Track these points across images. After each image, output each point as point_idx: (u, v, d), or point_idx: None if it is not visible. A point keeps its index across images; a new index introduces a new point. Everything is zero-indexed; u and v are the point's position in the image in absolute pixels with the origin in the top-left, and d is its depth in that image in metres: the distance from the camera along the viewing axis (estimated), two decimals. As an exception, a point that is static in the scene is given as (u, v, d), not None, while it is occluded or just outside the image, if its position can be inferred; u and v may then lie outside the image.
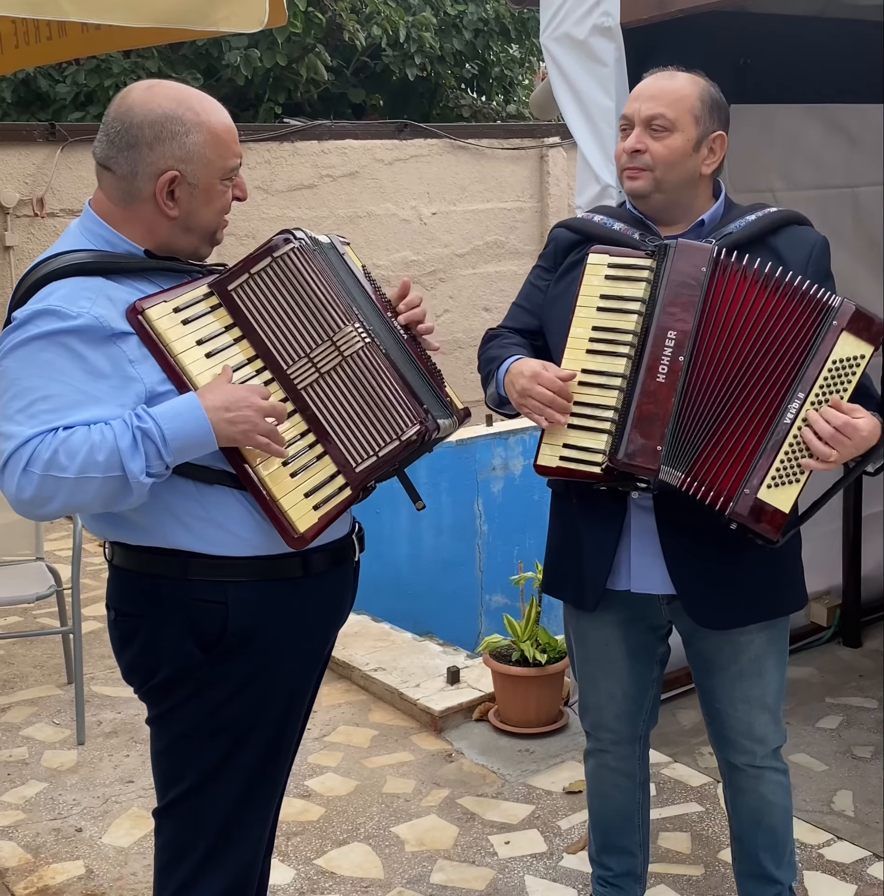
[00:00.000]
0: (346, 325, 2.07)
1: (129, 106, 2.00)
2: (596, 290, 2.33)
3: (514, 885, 3.09)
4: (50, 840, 3.34)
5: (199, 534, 2.03)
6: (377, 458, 2.07)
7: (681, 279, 2.26)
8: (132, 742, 3.91)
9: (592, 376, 2.31)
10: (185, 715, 2.11)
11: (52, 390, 1.89)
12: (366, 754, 3.82)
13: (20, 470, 1.86)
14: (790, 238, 2.41)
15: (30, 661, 4.65)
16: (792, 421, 2.22)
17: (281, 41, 9.23)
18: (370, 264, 9.76)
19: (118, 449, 1.87)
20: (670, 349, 2.26)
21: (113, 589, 2.18)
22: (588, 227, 2.51)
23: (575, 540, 2.52)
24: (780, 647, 2.57)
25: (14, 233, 7.22)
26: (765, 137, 4.21)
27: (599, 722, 2.70)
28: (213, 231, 2.11)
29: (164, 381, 1.97)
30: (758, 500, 2.22)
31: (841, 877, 3.06)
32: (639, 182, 2.38)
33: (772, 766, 2.61)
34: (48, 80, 9.28)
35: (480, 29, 10.76)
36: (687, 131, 2.35)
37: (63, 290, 1.94)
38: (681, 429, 2.27)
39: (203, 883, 2.15)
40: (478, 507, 6.94)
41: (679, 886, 3.05)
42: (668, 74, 2.40)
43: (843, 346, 2.22)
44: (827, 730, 3.88)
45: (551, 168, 9.31)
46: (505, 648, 3.95)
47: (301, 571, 2.10)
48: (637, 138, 2.36)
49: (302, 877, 3.14)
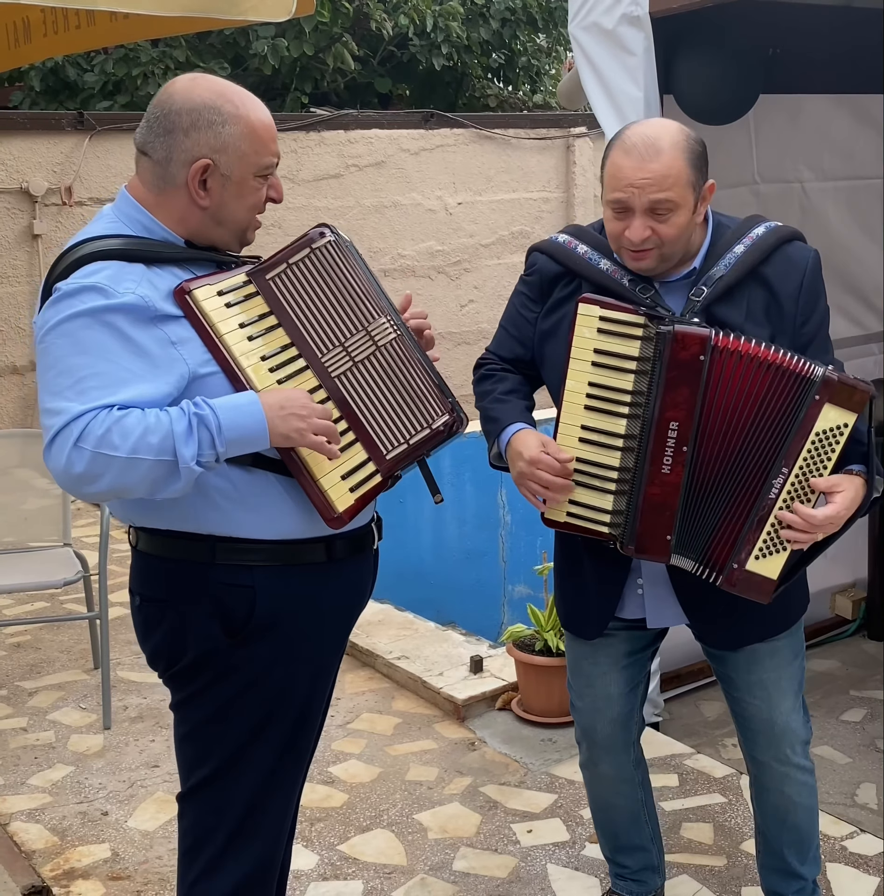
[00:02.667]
0: (379, 316, 2.13)
1: (170, 94, 2.04)
2: (589, 344, 2.29)
3: (536, 873, 3.10)
4: (76, 823, 3.37)
5: (228, 515, 2.04)
6: (408, 445, 2.11)
7: (681, 368, 2.24)
8: (158, 727, 3.94)
9: (592, 434, 2.31)
10: (209, 699, 2.13)
11: (99, 368, 1.89)
12: (389, 742, 3.83)
13: (71, 445, 1.85)
14: (781, 264, 2.35)
15: (57, 646, 4.69)
16: (777, 495, 2.24)
17: (308, 30, 9.23)
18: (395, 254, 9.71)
19: (173, 433, 1.88)
20: (673, 440, 2.26)
21: (137, 574, 2.19)
22: (573, 263, 2.42)
23: (579, 567, 2.54)
24: (796, 636, 2.56)
25: (42, 221, 7.27)
26: (794, 128, 4.19)
27: (591, 727, 2.68)
28: (245, 228, 2.12)
29: (206, 363, 1.99)
30: (746, 571, 2.27)
31: (864, 869, 3.05)
32: (646, 262, 2.31)
33: (798, 763, 2.59)
34: (76, 68, 9.31)
35: (507, 18, 10.72)
36: (688, 203, 2.27)
37: (108, 271, 1.95)
38: (690, 517, 2.29)
39: (227, 866, 2.17)
40: (501, 497, 6.94)
41: (701, 877, 3.05)
42: (652, 150, 2.22)
43: (825, 419, 2.21)
44: (851, 723, 3.88)
45: (578, 158, 9.28)
46: (528, 638, 3.96)
47: (325, 557, 2.12)
48: (643, 226, 2.25)
49: (325, 862, 3.16)
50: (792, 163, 4.24)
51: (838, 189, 4.37)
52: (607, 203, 2.29)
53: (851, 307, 4.50)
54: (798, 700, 2.58)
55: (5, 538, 4.45)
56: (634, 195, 2.23)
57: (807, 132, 4.24)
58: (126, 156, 7.46)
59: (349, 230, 2.27)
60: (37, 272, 7.28)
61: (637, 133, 2.27)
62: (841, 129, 4.32)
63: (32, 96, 9.41)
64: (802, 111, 4.20)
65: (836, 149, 4.33)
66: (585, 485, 2.32)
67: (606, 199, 2.30)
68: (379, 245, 8.46)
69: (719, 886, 3.01)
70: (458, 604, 6.18)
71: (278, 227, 7.54)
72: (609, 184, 2.28)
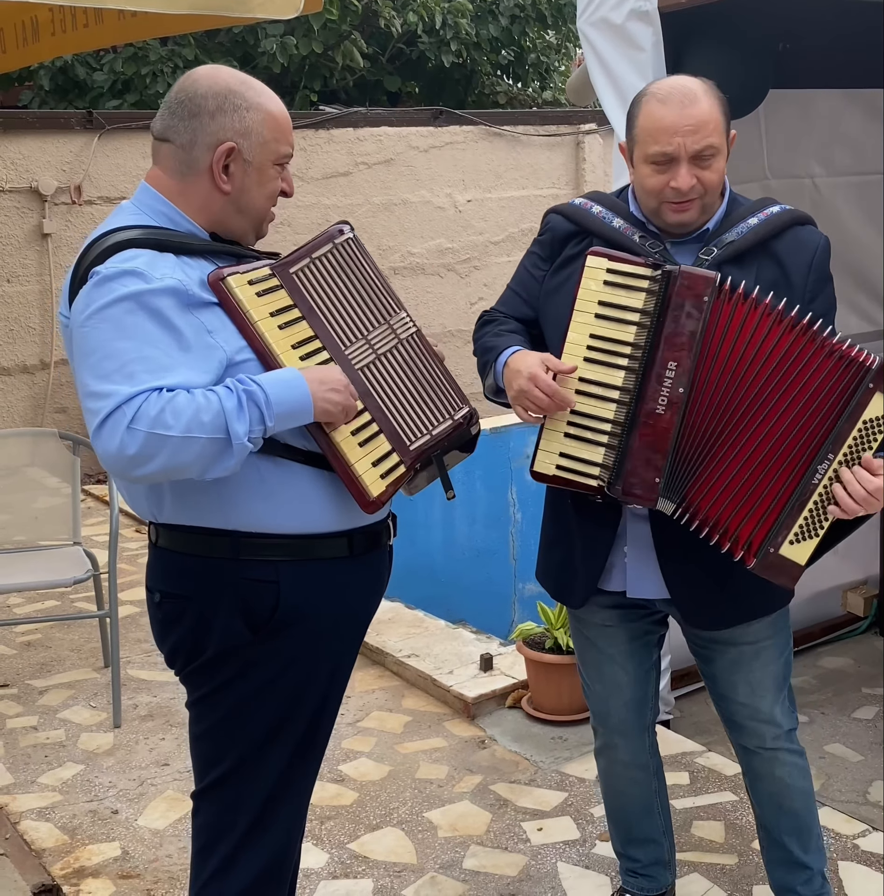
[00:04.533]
0: (400, 310, 2.18)
1: (194, 79, 2.06)
2: (594, 296, 2.28)
3: (546, 871, 3.09)
4: (86, 821, 3.37)
5: (253, 508, 2.04)
6: (431, 436, 2.15)
7: (683, 309, 2.23)
8: (168, 725, 3.94)
9: (589, 386, 2.29)
10: (229, 696, 2.12)
11: (145, 352, 1.89)
12: (399, 740, 3.83)
13: (124, 428, 1.84)
14: (792, 242, 2.36)
15: (67, 644, 4.69)
16: (820, 481, 2.22)
17: (317, 28, 9.23)
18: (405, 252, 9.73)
19: (224, 410, 1.88)
20: (670, 380, 2.24)
21: (158, 571, 2.18)
22: (586, 221, 2.43)
23: (567, 535, 2.52)
24: (780, 631, 2.54)
25: (52, 220, 7.28)
26: (804, 123, 4.17)
27: (606, 711, 2.68)
28: (262, 218, 2.14)
29: (242, 350, 2.00)
30: (779, 556, 2.25)
31: (876, 867, 3.04)
32: (689, 213, 2.31)
33: (785, 747, 2.59)
34: (86, 67, 9.32)
35: (516, 15, 10.71)
36: (724, 149, 2.30)
37: (144, 258, 1.95)
38: (679, 461, 2.27)
39: (241, 863, 2.16)
40: (512, 496, 6.93)
41: (712, 875, 3.04)
42: (689, 96, 2.25)
43: (875, 406, 2.20)
44: (863, 720, 3.86)
45: (587, 155, 9.26)
46: (538, 636, 3.95)
47: (347, 551, 2.13)
48: (689, 173, 2.26)
49: (335, 860, 3.16)
50: (803, 158, 4.23)
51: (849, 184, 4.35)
52: (646, 159, 2.28)
53: (862, 303, 4.48)
54: (782, 693, 2.57)
55: (16, 537, 4.46)
56: (680, 145, 2.24)
57: (818, 127, 4.22)
58: (135, 154, 7.47)
59: (358, 228, 2.29)
60: (46, 271, 7.29)
61: (667, 84, 2.30)
62: (852, 125, 4.30)
63: (42, 95, 9.42)
64: (812, 106, 4.18)
65: (847, 144, 4.31)
66: (576, 437, 2.30)
67: (644, 154, 2.28)
68: (388, 243, 8.45)
69: (730, 885, 3.00)
70: (468, 602, 6.17)
71: (288, 224, 7.54)
72: (648, 138, 2.27)
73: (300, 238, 6.18)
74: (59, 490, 4.50)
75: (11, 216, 7.21)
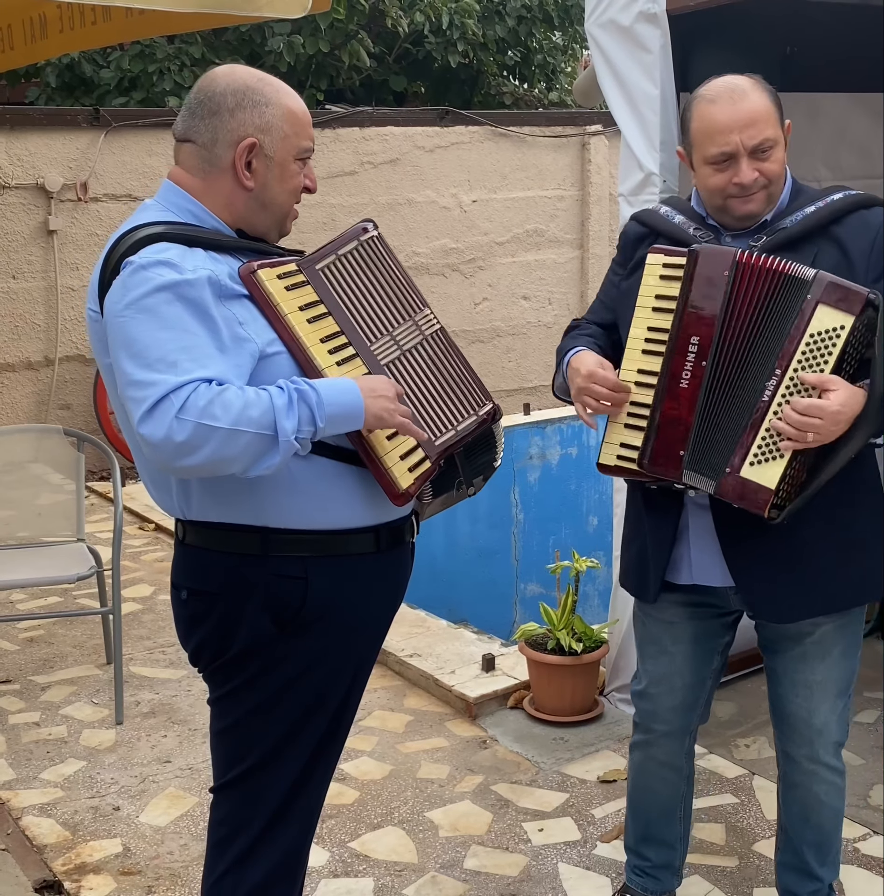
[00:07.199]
0: (424, 307, 2.21)
1: (212, 79, 2.08)
2: (652, 291, 2.37)
3: (547, 872, 3.10)
4: (88, 818, 3.38)
5: (282, 504, 2.04)
6: (456, 431, 2.17)
7: (705, 284, 2.28)
8: (170, 723, 3.95)
9: (646, 377, 2.36)
10: (253, 693, 2.13)
11: (185, 342, 1.89)
12: (401, 739, 3.83)
13: (172, 416, 1.83)
14: (857, 225, 2.37)
15: (70, 641, 4.70)
16: (770, 398, 2.22)
17: (324, 27, 9.22)
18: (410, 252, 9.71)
19: (273, 407, 1.89)
20: (693, 354, 2.29)
21: (185, 568, 2.18)
22: (653, 220, 2.53)
23: (639, 531, 2.56)
24: (851, 635, 2.51)
25: (58, 217, 7.28)
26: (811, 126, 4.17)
27: (652, 711, 2.68)
28: (286, 214, 2.16)
29: (272, 343, 2.01)
30: (739, 477, 2.24)
31: (877, 871, 3.04)
32: (755, 203, 2.35)
33: (829, 763, 2.56)
34: (92, 65, 9.33)
35: (523, 16, 10.70)
36: (781, 139, 2.35)
37: (175, 251, 1.96)
38: (704, 433, 2.29)
39: (258, 857, 2.17)
40: (514, 496, 6.94)
41: (713, 877, 3.04)
42: (738, 93, 2.31)
43: (821, 319, 2.20)
44: (865, 724, 3.85)
45: (593, 156, 9.26)
46: (541, 637, 3.95)
47: (374, 547, 2.14)
48: (750, 167, 2.31)
49: (336, 859, 3.16)
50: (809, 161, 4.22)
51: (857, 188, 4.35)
52: (706, 160, 2.34)
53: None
54: (842, 701, 2.54)
55: (19, 533, 4.47)
56: (737, 142, 2.29)
57: (825, 131, 4.21)
58: (141, 152, 7.48)
59: (364, 227, 2.31)
60: (51, 268, 7.30)
61: (714, 84, 2.36)
62: (859, 128, 4.30)
63: (48, 92, 9.43)
64: (820, 110, 4.18)
65: (854, 147, 4.31)
66: (634, 427, 2.36)
67: (704, 156, 2.34)
68: (393, 242, 8.39)
69: (730, 887, 3.00)
70: (470, 602, 6.17)
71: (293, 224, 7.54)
72: (705, 140, 2.33)
73: (305, 237, 6.18)
74: (63, 486, 4.51)
75: (17, 213, 7.22)
